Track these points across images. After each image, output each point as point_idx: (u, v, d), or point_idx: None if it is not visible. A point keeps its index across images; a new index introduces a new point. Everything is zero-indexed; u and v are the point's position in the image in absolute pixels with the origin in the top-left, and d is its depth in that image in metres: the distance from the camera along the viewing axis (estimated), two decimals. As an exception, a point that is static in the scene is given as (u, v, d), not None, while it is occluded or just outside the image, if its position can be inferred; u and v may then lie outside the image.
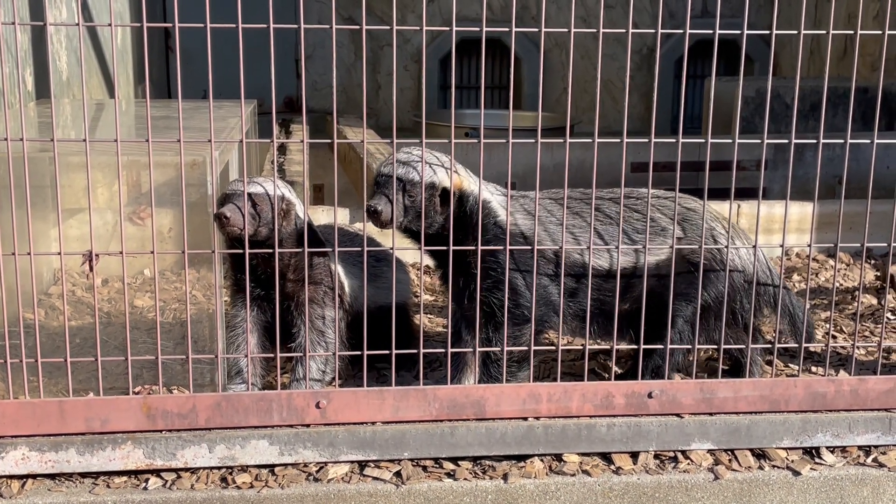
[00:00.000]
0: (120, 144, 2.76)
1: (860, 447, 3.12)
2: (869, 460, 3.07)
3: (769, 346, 3.35)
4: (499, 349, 3.14)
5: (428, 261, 3.40)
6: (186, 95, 2.88)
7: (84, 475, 2.89)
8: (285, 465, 2.95)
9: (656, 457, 3.06)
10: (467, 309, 3.22)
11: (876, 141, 3.00)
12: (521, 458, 3.02)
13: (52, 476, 2.88)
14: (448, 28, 2.84)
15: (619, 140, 2.96)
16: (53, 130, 2.76)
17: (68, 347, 2.89)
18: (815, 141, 3.01)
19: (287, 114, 9.44)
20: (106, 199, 4.06)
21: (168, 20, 9.73)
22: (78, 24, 2.68)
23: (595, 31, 2.88)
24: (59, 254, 2.82)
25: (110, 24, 2.69)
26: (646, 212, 3.13)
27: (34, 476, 2.87)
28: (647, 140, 2.97)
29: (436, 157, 3.12)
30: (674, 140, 2.97)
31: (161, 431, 2.91)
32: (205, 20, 2.74)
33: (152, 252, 2.85)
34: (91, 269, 2.81)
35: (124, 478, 2.90)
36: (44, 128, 4.01)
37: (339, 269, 3.32)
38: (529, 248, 3.11)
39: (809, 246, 3.13)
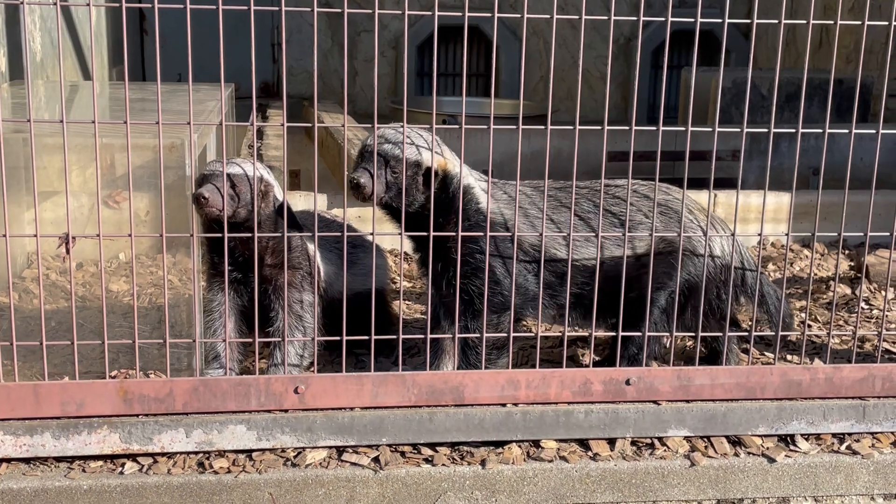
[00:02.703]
0: (98, 126, 2.73)
1: (834, 435, 3.15)
2: (843, 448, 3.10)
3: (746, 334, 3.38)
4: (477, 336, 3.14)
5: (407, 245, 3.39)
6: (162, 79, 2.85)
7: (59, 459, 2.87)
8: (263, 450, 2.94)
9: (633, 443, 3.08)
10: (445, 295, 3.22)
11: (854, 131, 3.02)
12: (500, 444, 3.03)
13: (26, 460, 2.85)
14: (429, 12, 2.83)
15: (599, 128, 2.96)
16: (29, 111, 2.72)
17: (43, 331, 2.86)
18: (794, 130, 3.02)
19: (264, 99, 9.38)
20: (81, 183, 4.02)
21: (143, 1, 9.62)
22: (55, 3, 2.64)
23: (577, 17, 2.88)
24: (35, 236, 2.78)
25: (88, 4, 2.65)
26: (624, 203, 3.13)
27: (8, 460, 2.84)
28: (627, 128, 2.97)
29: (422, 137, 3.11)
30: (654, 128, 2.97)
31: (138, 416, 2.89)
32: (184, 0, 2.71)
33: (129, 235, 2.82)
34: (67, 251, 2.78)
35: (100, 462, 2.87)
36: (17, 109, 3.96)
37: (317, 255, 3.30)
38: (509, 235, 3.11)
39: (787, 235, 3.15)
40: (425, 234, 3.00)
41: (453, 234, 3.03)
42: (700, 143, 5.72)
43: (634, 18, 2.96)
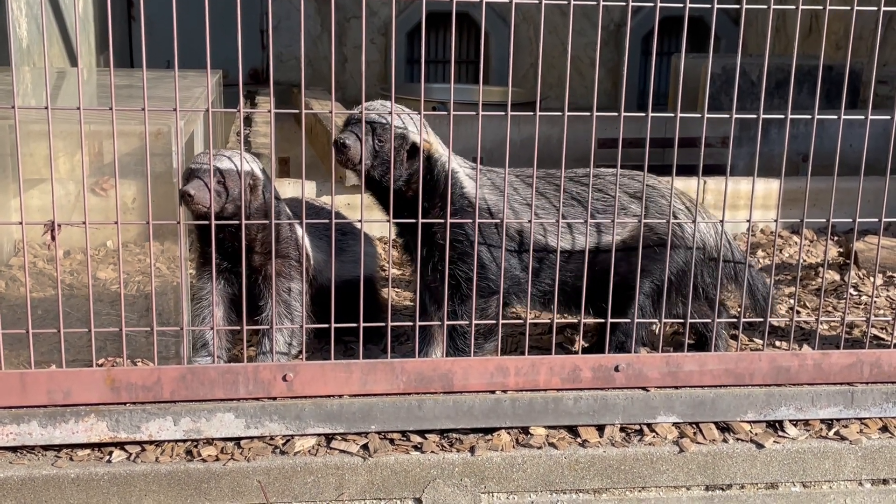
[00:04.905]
0: (83, 113, 2.70)
1: (823, 420, 3.16)
2: (831, 433, 3.11)
3: (734, 320, 3.38)
4: (465, 322, 3.13)
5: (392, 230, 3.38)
6: (149, 65, 2.83)
7: (46, 448, 2.86)
8: (251, 437, 2.94)
9: (622, 430, 3.08)
10: (431, 280, 3.21)
11: (843, 117, 3.02)
12: (489, 430, 3.03)
13: (13, 449, 2.84)
14: (418, -2, 2.81)
15: (588, 114, 2.95)
16: (14, 98, 2.70)
17: (30, 319, 2.84)
18: (782, 116, 3.01)
19: (252, 86, 9.34)
20: (67, 170, 3.99)
21: (130, -11, 9.57)
22: (39, -11, 2.62)
23: (566, 2, 2.87)
24: (21, 223, 2.76)
25: (73, -11, 2.63)
26: (607, 191, 3.12)
27: (-5, 449, 2.83)
28: (616, 115, 2.96)
29: (409, 115, 3.11)
30: (643, 115, 2.96)
31: (125, 404, 2.88)
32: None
33: (116, 223, 2.80)
34: (53, 238, 2.76)
35: (88, 450, 2.86)
36: (3, 95, 3.93)
37: (306, 243, 3.29)
38: (495, 221, 3.10)
39: (776, 221, 3.15)
40: (413, 220, 2.99)
41: (441, 220, 3.02)
42: (689, 130, 5.70)
43: (623, 3, 2.94)
